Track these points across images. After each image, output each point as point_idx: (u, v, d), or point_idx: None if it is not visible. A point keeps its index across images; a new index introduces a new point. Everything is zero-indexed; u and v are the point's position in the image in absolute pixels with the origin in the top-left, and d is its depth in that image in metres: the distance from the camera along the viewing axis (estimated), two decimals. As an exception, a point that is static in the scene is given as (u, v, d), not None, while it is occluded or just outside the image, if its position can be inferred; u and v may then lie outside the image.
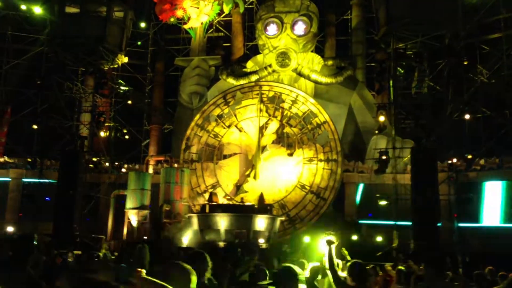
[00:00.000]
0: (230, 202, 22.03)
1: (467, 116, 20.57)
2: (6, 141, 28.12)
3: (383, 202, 20.20)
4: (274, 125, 25.20)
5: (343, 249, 11.17)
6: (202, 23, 29.52)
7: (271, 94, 25.53)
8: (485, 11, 24.21)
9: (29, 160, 23.15)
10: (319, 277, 7.26)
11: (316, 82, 27.28)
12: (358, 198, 24.64)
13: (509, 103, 24.69)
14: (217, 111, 25.97)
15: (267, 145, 24.81)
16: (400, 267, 7.94)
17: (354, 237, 20.23)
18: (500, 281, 8.72)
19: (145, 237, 22.55)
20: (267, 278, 6.24)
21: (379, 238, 21.48)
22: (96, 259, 13.28)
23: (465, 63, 20.38)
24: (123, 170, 25.39)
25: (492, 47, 25.51)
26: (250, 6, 31.33)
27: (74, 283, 3.39)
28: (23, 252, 3.86)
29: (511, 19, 24.46)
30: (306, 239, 16.31)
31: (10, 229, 23.23)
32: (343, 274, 6.46)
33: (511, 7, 24.25)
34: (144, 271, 3.47)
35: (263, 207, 21.04)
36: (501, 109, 24.73)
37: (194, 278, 3.60)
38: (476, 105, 23.91)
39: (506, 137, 24.19)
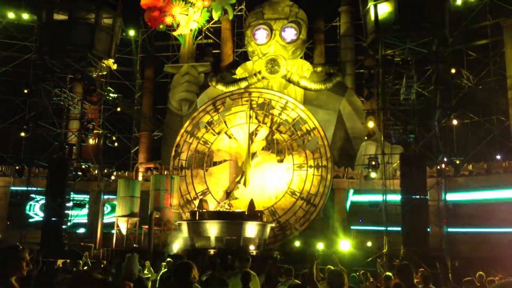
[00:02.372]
0: (232, 209, 21.91)
1: (454, 122, 20.73)
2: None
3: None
4: (264, 131, 25.22)
5: (334, 255, 11.19)
6: (191, 30, 29.54)
7: (260, 100, 25.56)
8: (472, 18, 24.53)
9: (17, 168, 22.89)
10: None
11: (305, 88, 27.40)
12: (348, 203, 24.69)
13: (496, 109, 25.00)
14: (207, 118, 25.93)
15: (257, 151, 24.81)
16: (387, 273, 7.93)
17: (345, 243, 20.23)
18: (488, 286, 8.77)
19: (134, 245, 22.40)
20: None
21: (369, 244, 21.51)
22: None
23: (453, 70, 20.56)
24: (112, 177, 25.21)
25: (479, 54, 25.83)
26: (240, 13, 31.43)
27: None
28: (8, 261, 3.79)
29: (497, 25, 24.79)
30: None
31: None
32: None
33: (497, 14, 24.59)
34: (132, 284, 3.44)
35: (253, 213, 20.99)
36: (488, 114, 25.02)
37: None
38: (464, 111, 24.12)
39: (493, 142, 24.44)
